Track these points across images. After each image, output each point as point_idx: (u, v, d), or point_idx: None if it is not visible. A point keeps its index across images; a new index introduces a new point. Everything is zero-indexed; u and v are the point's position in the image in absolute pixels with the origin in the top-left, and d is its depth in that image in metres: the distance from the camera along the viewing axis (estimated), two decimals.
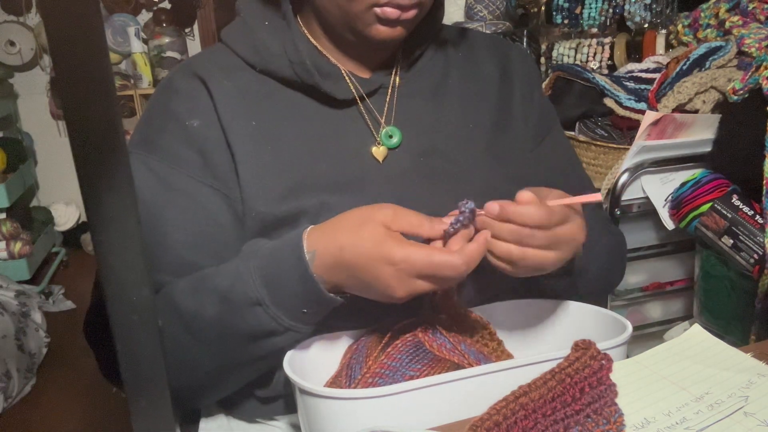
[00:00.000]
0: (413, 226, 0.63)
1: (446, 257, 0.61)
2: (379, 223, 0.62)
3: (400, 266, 0.60)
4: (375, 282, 0.62)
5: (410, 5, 0.71)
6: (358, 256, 0.62)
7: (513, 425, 0.54)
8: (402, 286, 0.61)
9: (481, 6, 1.99)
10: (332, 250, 0.63)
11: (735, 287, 1.29)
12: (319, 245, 0.64)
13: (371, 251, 0.61)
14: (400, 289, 0.61)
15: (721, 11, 1.41)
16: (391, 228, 0.62)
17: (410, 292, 0.62)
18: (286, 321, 0.66)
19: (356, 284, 0.64)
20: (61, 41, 0.38)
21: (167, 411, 0.47)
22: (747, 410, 0.58)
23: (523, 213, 0.62)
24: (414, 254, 0.60)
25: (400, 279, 0.61)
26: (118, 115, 0.41)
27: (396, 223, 0.63)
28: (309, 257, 0.64)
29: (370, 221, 0.63)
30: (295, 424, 0.77)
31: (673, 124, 1.28)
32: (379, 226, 0.62)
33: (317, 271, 0.64)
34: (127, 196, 0.42)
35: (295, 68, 0.76)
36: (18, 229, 2.99)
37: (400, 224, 0.63)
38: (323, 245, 0.64)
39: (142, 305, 0.44)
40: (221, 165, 0.75)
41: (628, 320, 0.69)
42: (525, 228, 0.62)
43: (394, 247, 0.61)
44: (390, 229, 0.62)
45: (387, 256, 0.61)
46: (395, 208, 0.64)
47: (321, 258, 0.64)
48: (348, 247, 0.62)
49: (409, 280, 0.61)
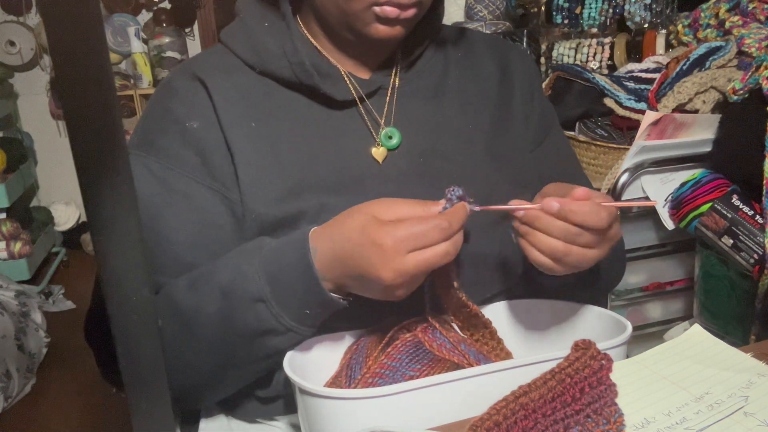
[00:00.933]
0: (405, 214, 0.63)
1: (429, 221, 0.61)
2: (366, 213, 0.63)
3: (386, 245, 0.60)
4: (366, 268, 0.61)
5: (409, 4, 0.71)
6: (347, 245, 0.62)
7: (513, 425, 0.54)
8: (392, 266, 0.60)
9: (481, 6, 1.99)
10: (328, 244, 0.64)
11: (735, 287, 1.29)
12: (319, 243, 0.64)
13: (358, 238, 0.61)
14: (390, 269, 0.60)
15: (721, 11, 1.41)
16: (381, 218, 0.62)
17: (398, 273, 0.60)
18: (287, 321, 0.66)
19: (352, 277, 0.63)
20: (61, 41, 0.38)
21: (167, 411, 0.47)
22: (747, 410, 0.58)
23: (580, 212, 0.62)
24: (396, 229, 0.60)
25: (388, 259, 0.60)
26: (118, 115, 0.41)
27: (386, 214, 0.63)
28: (312, 255, 0.64)
29: (358, 212, 0.63)
30: (295, 425, 0.77)
31: (673, 124, 1.28)
32: (366, 215, 0.63)
33: (319, 268, 0.64)
34: (127, 196, 0.42)
35: (294, 69, 0.76)
36: (18, 229, 2.99)
37: (391, 213, 0.63)
38: (322, 243, 0.64)
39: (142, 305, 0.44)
40: (220, 166, 0.74)
41: (628, 320, 0.69)
42: (574, 227, 0.63)
43: (377, 229, 0.61)
44: (379, 218, 0.62)
45: (372, 237, 0.60)
46: (387, 200, 0.64)
47: (321, 254, 0.64)
48: (338, 238, 0.63)
49: (399, 259, 0.60)
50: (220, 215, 0.75)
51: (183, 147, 0.75)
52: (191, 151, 0.75)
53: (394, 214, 0.63)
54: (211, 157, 0.74)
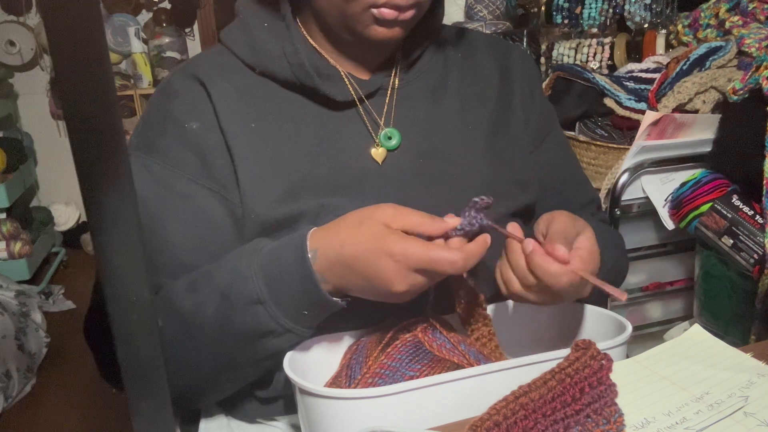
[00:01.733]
0: (414, 225, 0.64)
1: (444, 253, 0.61)
2: (378, 221, 0.63)
3: (398, 259, 0.61)
4: (375, 276, 0.62)
5: (408, 6, 0.70)
6: (358, 250, 0.62)
7: (513, 425, 0.54)
8: (401, 279, 0.61)
9: (481, 6, 1.99)
10: (334, 247, 0.63)
11: (735, 287, 1.29)
12: (321, 244, 0.64)
13: (372, 245, 0.61)
14: (399, 283, 0.61)
15: (721, 11, 1.41)
16: (391, 226, 0.63)
17: (409, 286, 0.62)
18: (286, 322, 0.66)
19: (357, 282, 0.64)
20: (61, 41, 0.38)
21: (167, 411, 0.47)
22: (747, 410, 0.58)
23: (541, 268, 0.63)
24: (412, 247, 0.61)
25: (399, 272, 0.61)
26: (118, 115, 0.41)
27: (396, 222, 0.63)
28: (311, 256, 0.64)
29: (370, 219, 0.63)
30: (296, 425, 0.77)
31: (673, 124, 1.28)
32: (378, 223, 0.63)
33: (319, 269, 0.64)
34: (127, 196, 0.42)
35: (294, 70, 0.76)
36: (18, 229, 2.99)
37: (401, 222, 0.63)
38: (325, 244, 0.64)
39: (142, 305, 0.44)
40: (220, 167, 0.74)
41: (628, 320, 0.69)
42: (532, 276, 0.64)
43: (393, 241, 0.61)
44: (389, 226, 0.63)
45: (387, 249, 0.61)
46: (396, 207, 0.64)
47: (323, 256, 0.64)
48: (348, 243, 0.63)
49: (408, 274, 0.61)
50: (220, 216, 0.75)
51: (182, 148, 0.74)
52: (191, 152, 0.74)
53: (402, 223, 0.63)
54: (210, 158, 0.74)
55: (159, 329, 0.46)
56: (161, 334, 0.46)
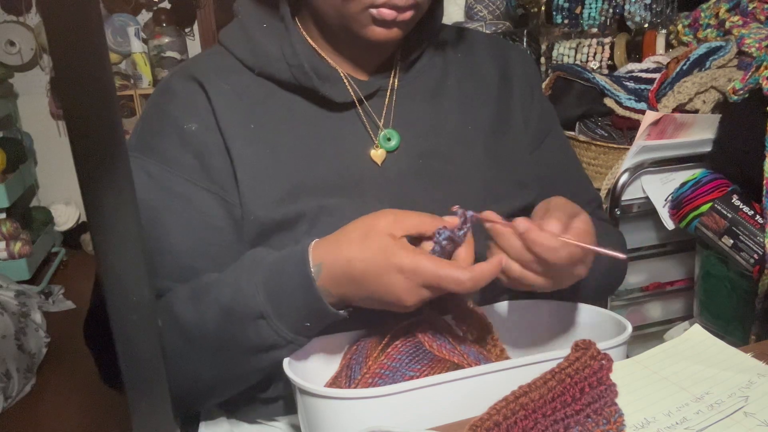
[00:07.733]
0: (416, 227, 0.63)
1: (453, 272, 0.60)
2: (383, 233, 0.62)
3: (408, 275, 0.60)
4: (386, 292, 0.62)
5: (407, 6, 0.70)
6: (368, 266, 0.62)
7: (513, 425, 0.54)
8: (412, 294, 0.61)
9: (481, 6, 1.99)
10: (340, 263, 0.63)
11: (735, 287, 1.29)
12: (326, 258, 0.64)
13: (381, 262, 0.61)
14: (410, 298, 0.61)
15: (721, 11, 1.41)
16: (395, 235, 0.62)
17: (419, 300, 0.62)
18: (288, 334, 0.66)
19: (363, 295, 0.64)
20: (61, 41, 0.38)
21: (167, 412, 0.47)
22: (747, 410, 0.58)
23: (539, 243, 0.62)
24: (423, 264, 0.60)
25: (410, 289, 0.61)
26: (118, 115, 0.41)
27: (399, 228, 0.63)
28: (315, 270, 0.64)
29: (374, 231, 0.63)
30: (296, 425, 0.77)
31: (673, 124, 1.28)
32: (383, 236, 0.62)
33: (324, 283, 0.63)
34: (127, 196, 0.42)
35: (293, 71, 0.75)
36: (18, 229, 2.99)
37: (403, 227, 0.63)
38: (330, 258, 0.63)
39: (142, 306, 0.44)
40: (219, 168, 0.74)
41: (628, 320, 0.69)
42: (529, 254, 0.63)
43: (403, 257, 0.61)
44: (394, 236, 0.62)
45: (397, 265, 0.61)
46: (395, 212, 0.64)
47: (328, 271, 0.63)
48: (356, 259, 0.62)
49: (417, 289, 0.61)
50: (219, 218, 0.74)
51: (181, 149, 0.74)
52: (189, 154, 0.74)
53: (405, 228, 0.63)
54: (209, 160, 0.74)
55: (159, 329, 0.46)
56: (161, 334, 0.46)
